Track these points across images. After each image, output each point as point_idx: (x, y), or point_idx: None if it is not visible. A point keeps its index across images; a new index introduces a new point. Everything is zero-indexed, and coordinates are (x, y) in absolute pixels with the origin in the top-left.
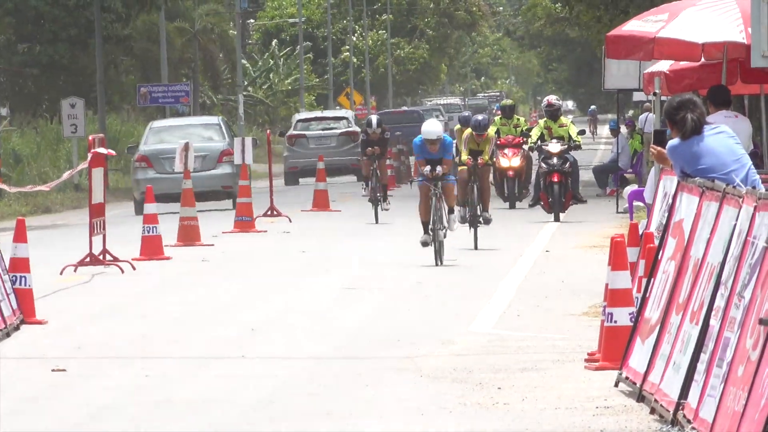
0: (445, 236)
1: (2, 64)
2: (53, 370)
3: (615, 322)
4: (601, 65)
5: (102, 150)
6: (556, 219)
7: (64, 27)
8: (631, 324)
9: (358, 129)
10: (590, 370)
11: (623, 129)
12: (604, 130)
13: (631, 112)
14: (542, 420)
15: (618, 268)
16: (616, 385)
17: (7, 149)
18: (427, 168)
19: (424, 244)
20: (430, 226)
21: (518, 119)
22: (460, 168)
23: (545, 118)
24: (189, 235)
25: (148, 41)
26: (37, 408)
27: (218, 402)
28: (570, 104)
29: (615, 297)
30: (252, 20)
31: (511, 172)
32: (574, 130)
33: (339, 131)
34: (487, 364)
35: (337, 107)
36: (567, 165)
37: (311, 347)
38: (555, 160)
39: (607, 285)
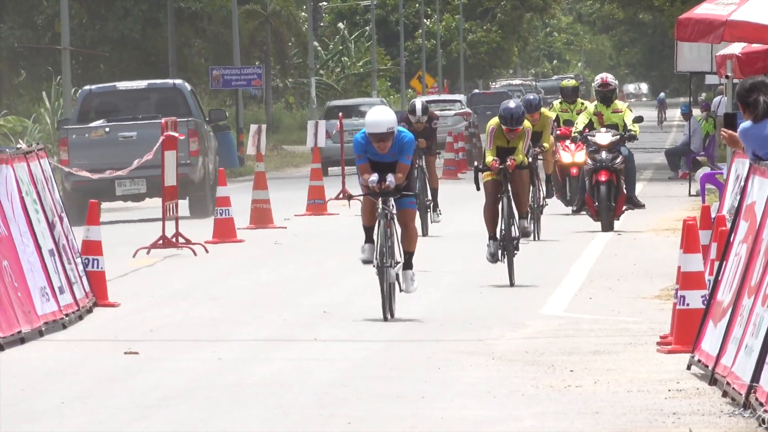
0: (401, 289)
1: (76, 44)
2: (125, 353)
3: (687, 305)
4: (674, 48)
5: (174, 133)
6: (606, 228)
7: (136, 3)
8: (704, 307)
9: (470, 110)
10: (662, 353)
11: (695, 112)
12: (675, 113)
13: (704, 95)
14: (614, 403)
15: (690, 251)
16: (689, 368)
17: None
18: (373, 177)
19: (365, 261)
20: (375, 255)
21: (582, 104)
22: (485, 178)
23: (595, 102)
24: (261, 217)
25: (221, 25)
26: (109, 390)
27: (291, 385)
28: (644, 87)
29: (687, 280)
30: (325, 2)
31: (574, 170)
32: (630, 117)
33: (453, 112)
34: (559, 347)
35: (410, 90)
36: (619, 160)
37: (383, 330)
38: (604, 154)
39: (679, 268)
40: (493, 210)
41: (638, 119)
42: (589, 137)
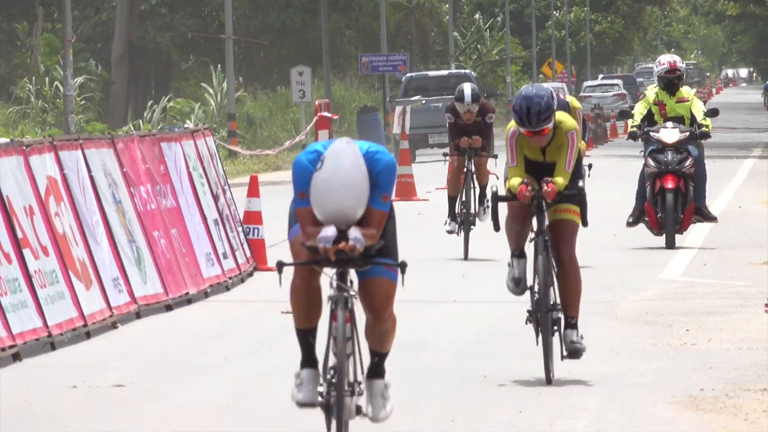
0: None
1: (239, 33)
2: (282, 313)
3: None
4: None
5: (327, 114)
6: (670, 245)
7: None
8: None
9: (626, 92)
10: None
11: None
12: None
13: None
14: (726, 359)
15: None
16: None
17: (241, 113)
18: (327, 232)
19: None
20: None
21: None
22: (511, 211)
23: (656, 88)
24: (405, 190)
25: (369, 16)
26: (268, 348)
27: (430, 343)
28: (743, 72)
29: None
30: None
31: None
32: (699, 108)
33: (612, 93)
34: (675, 309)
35: (541, 75)
36: (689, 163)
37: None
38: (670, 154)
39: None
40: (522, 222)
41: (712, 112)
42: (651, 133)
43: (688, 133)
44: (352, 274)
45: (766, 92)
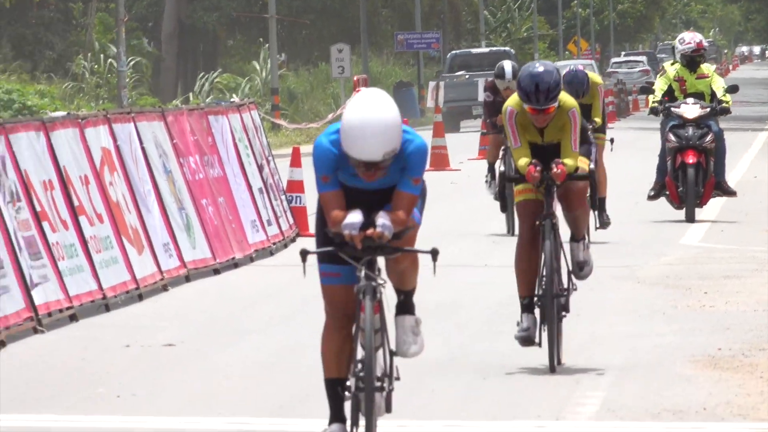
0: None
1: (282, 13)
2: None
3: None
4: None
5: (364, 88)
6: (690, 218)
7: None
8: None
9: (649, 68)
10: None
11: None
12: None
13: None
14: (743, 320)
15: None
16: None
17: (284, 88)
18: (353, 218)
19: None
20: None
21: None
22: (518, 197)
23: (677, 65)
24: (439, 161)
25: None
26: (310, 310)
27: (463, 305)
28: (756, 49)
29: None
30: None
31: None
32: (720, 84)
33: (637, 69)
34: (695, 273)
35: (567, 52)
36: (709, 138)
37: None
38: (691, 130)
39: None
40: (531, 255)
41: (732, 89)
42: (672, 109)
43: (708, 109)
44: (380, 261)
45: None
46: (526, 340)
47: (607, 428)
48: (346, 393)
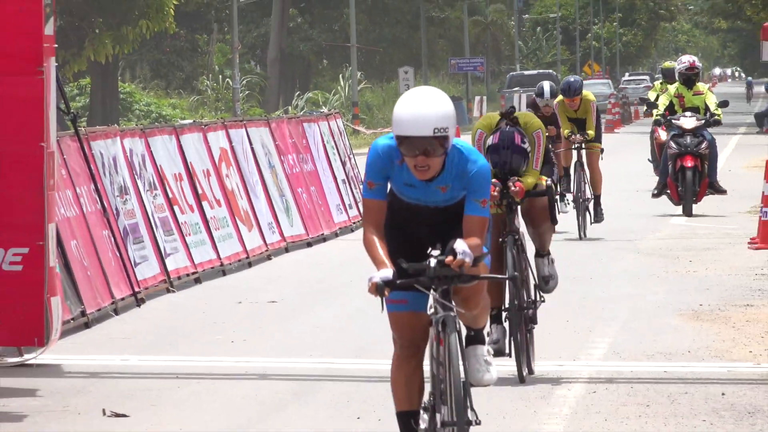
0: (470, 384)
1: (361, 42)
2: None
3: None
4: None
5: None
6: (687, 213)
7: (402, 14)
8: None
9: (651, 85)
10: (751, 249)
11: None
12: (759, 90)
13: None
14: (719, 283)
15: None
16: None
17: (362, 101)
18: (385, 275)
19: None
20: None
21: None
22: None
23: (676, 83)
24: None
25: (456, 30)
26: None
27: None
28: (729, 71)
29: None
30: (526, 15)
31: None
32: (713, 100)
33: (642, 85)
34: (682, 245)
35: (582, 73)
36: (704, 145)
37: (564, 235)
38: (689, 138)
39: (763, 192)
40: (497, 268)
41: (723, 104)
42: (673, 121)
43: (703, 121)
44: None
45: (748, 86)
46: (496, 352)
47: (613, 366)
48: (420, 426)
